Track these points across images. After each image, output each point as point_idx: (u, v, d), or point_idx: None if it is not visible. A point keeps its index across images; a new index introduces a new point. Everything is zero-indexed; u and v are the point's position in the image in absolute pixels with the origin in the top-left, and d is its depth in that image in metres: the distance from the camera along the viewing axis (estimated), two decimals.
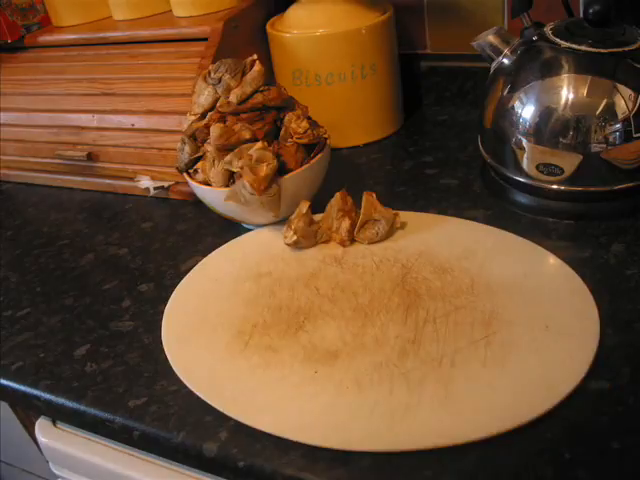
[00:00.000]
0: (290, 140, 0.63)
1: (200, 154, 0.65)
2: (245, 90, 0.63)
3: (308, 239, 0.62)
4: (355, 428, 0.43)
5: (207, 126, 0.64)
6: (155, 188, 0.78)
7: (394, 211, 0.61)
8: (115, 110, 0.79)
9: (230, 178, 0.63)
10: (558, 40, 0.59)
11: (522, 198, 0.64)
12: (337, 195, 0.62)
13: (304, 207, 0.62)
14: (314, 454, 0.42)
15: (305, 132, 0.63)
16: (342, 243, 0.61)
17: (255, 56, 0.64)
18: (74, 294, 0.64)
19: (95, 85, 0.82)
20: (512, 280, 0.54)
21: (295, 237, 0.61)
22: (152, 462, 0.55)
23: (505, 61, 0.63)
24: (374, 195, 0.62)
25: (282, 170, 0.62)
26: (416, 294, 0.55)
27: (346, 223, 0.61)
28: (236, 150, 0.61)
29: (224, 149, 0.62)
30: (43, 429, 0.61)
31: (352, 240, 0.62)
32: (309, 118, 0.66)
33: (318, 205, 0.65)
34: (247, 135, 0.61)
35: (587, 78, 0.58)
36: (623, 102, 0.56)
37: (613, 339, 0.47)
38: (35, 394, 0.53)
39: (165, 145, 0.76)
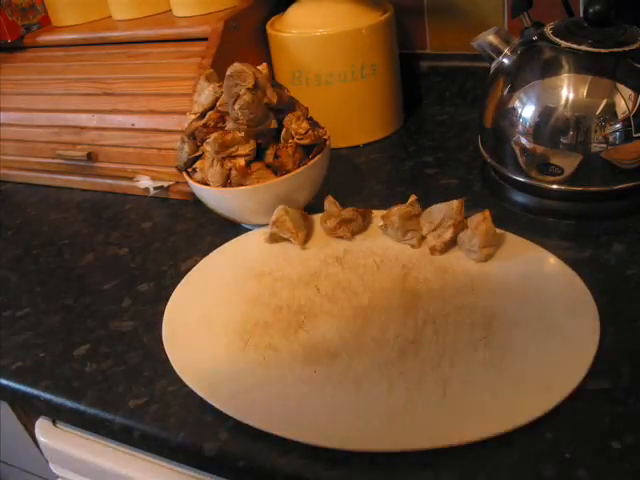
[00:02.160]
0: (290, 141, 0.63)
1: (199, 153, 0.65)
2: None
3: (395, 231, 0.60)
4: (354, 428, 0.43)
5: (206, 125, 0.64)
6: (155, 188, 0.78)
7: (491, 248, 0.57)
8: (115, 110, 0.79)
9: (227, 178, 0.63)
10: (558, 40, 0.59)
11: (522, 198, 0.64)
12: (454, 203, 0.58)
13: (410, 199, 0.60)
14: (314, 454, 0.42)
15: (306, 133, 0.63)
16: (432, 250, 0.59)
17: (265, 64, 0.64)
18: (74, 294, 0.64)
19: (95, 85, 0.82)
20: (512, 280, 0.54)
21: (381, 222, 0.61)
22: (152, 462, 0.55)
23: (505, 61, 0.63)
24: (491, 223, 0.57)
25: (280, 171, 0.62)
26: (416, 294, 0.55)
27: (449, 234, 0.58)
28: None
29: (222, 149, 0.62)
30: (43, 429, 0.61)
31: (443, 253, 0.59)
32: (310, 119, 0.66)
33: (318, 206, 0.65)
34: (242, 133, 0.61)
35: (587, 78, 0.58)
36: (623, 102, 0.56)
37: (613, 339, 0.47)
38: (35, 394, 0.53)
39: (165, 145, 0.76)
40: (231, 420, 0.45)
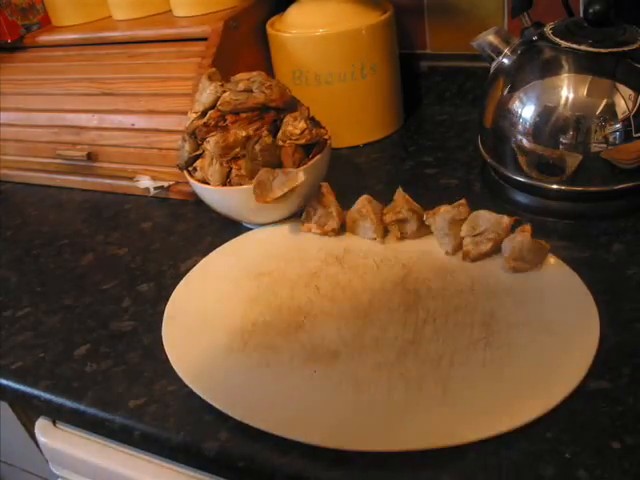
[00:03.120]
0: (288, 142, 0.63)
1: (200, 152, 0.65)
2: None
3: (436, 231, 0.59)
4: (354, 428, 0.43)
5: (206, 124, 0.64)
6: (155, 188, 0.78)
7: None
8: (115, 110, 0.79)
9: (227, 176, 0.63)
10: (558, 40, 0.59)
11: (522, 198, 0.64)
12: (504, 220, 0.57)
13: (460, 202, 0.59)
14: (314, 454, 0.42)
15: (302, 133, 0.62)
16: (465, 255, 0.57)
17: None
18: (74, 294, 0.64)
19: (95, 85, 0.82)
20: (512, 280, 0.54)
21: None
22: (152, 462, 0.55)
23: (505, 61, 0.63)
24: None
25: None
26: (416, 294, 0.55)
27: (488, 246, 0.56)
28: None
29: (226, 152, 0.62)
30: (43, 429, 0.61)
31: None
32: (312, 119, 0.66)
33: None
34: (242, 133, 0.62)
35: (587, 78, 0.58)
36: (623, 102, 0.56)
37: (613, 339, 0.47)
38: (35, 394, 0.53)
39: (165, 145, 0.76)
40: (231, 420, 0.45)
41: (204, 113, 0.65)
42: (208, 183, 0.64)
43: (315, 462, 0.42)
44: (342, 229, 0.64)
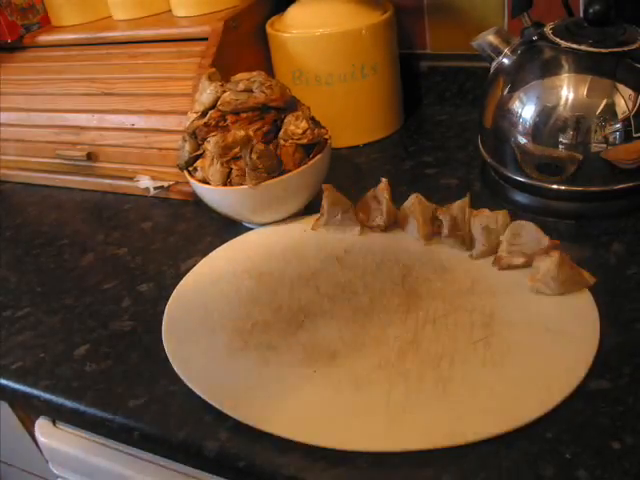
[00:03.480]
0: (290, 141, 0.63)
1: (200, 152, 0.65)
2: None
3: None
4: (354, 428, 0.43)
5: (207, 124, 0.64)
6: (155, 188, 0.78)
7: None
8: (115, 110, 0.79)
9: (228, 176, 0.63)
10: (558, 40, 0.59)
11: (522, 198, 0.64)
12: (546, 242, 0.54)
13: (502, 211, 0.57)
14: (314, 454, 0.42)
15: (304, 132, 0.63)
16: (497, 260, 0.56)
17: None
18: (74, 294, 0.64)
19: (95, 85, 0.82)
20: (512, 280, 0.54)
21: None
22: (152, 462, 0.55)
23: (505, 61, 0.63)
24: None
25: (280, 171, 0.62)
26: (416, 294, 0.55)
27: (520, 260, 0.55)
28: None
29: (225, 152, 0.62)
30: (43, 429, 0.61)
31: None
32: (312, 118, 0.66)
33: (316, 205, 0.65)
34: (241, 133, 0.62)
35: (587, 78, 0.58)
36: (623, 102, 0.56)
37: (613, 339, 0.47)
38: (35, 394, 0.53)
39: (165, 145, 0.76)
40: (231, 420, 0.45)
41: (204, 113, 0.65)
42: (208, 183, 0.64)
43: (315, 462, 0.42)
44: (391, 226, 0.63)
